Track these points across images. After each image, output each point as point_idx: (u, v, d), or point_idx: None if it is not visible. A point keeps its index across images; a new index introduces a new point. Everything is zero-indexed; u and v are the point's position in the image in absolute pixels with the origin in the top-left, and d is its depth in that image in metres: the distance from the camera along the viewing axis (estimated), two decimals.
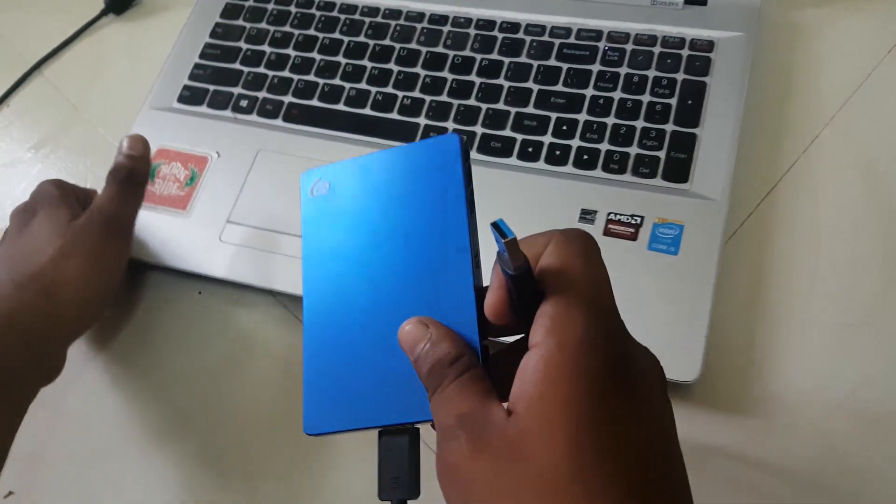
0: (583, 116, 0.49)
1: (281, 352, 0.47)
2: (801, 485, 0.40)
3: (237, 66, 0.56)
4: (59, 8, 0.66)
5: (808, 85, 0.51)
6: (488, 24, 0.54)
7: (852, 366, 0.42)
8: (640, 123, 0.48)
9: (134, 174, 0.46)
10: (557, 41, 0.52)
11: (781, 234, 0.46)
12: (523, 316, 0.25)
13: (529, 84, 0.51)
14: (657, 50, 0.50)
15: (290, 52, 0.56)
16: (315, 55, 0.56)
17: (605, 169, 0.47)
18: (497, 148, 0.49)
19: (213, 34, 0.58)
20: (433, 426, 0.27)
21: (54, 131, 0.61)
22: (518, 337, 0.29)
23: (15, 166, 0.60)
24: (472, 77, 0.52)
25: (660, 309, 0.42)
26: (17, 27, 0.67)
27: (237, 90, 0.55)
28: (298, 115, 0.53)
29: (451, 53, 0.54)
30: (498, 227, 0.24)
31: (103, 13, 0.66)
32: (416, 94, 0.53)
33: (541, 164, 0.48)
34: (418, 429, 0.28)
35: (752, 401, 0.42)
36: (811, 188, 0.47)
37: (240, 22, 0.59)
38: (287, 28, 0.57)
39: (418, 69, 0.54)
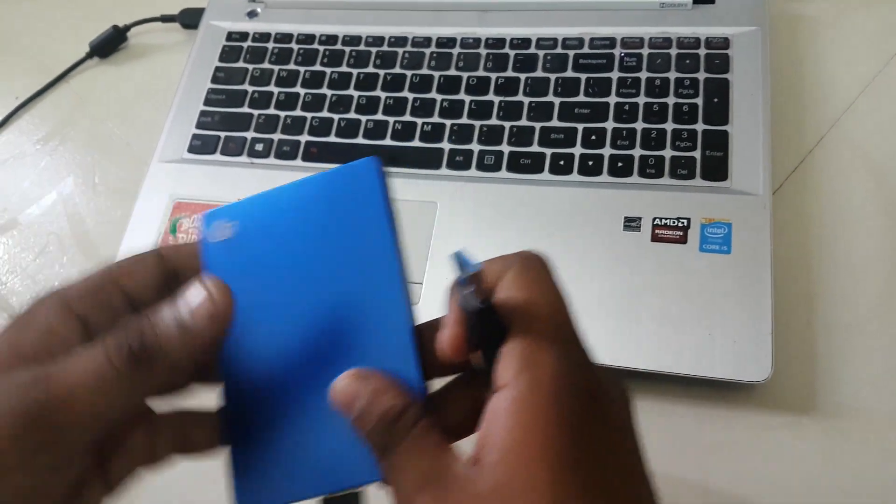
0: (610, 124, 0.49)
1: None
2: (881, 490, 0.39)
3: (246, 109, 0.55)
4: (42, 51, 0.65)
5: (819, 77, 0.51)
6: (498, 42, 0.54)
7: None
8: (669, 126, 0.48)
9: (156, 356, 0.24)
10: (572, 52, 0.52)
11: (812, 223, 0.46)
12: (482, 351, 0.24)
13: (550, 98, 0.51)
14: (674, 52, 0.50)
15: (299, 90, 0.55)
16: (325, 91, 0.55)
17: (642, 174, 0.47)
18: (527, 164, 0.49)
19: (214, 79, 0.57)
20: (383, 483, 0.24)
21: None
22: (455, 376, 0.26)
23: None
24: (491, 97, 0.52)
25: (722, 309, 0.41)
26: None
27: (250, 134, 0.54)
28: (318, 154, 0.52)
29: (465, 75, 0.53)
30: (460, 260, 0.22)
31: (87, 57, 0.64)
32: (436, 119, 0.52)
33: (575, 177, 0.48)
34: (362, 491, 0.26)
35: (820, 400, 0.41)
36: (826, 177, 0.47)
37: (241, 64, 0.57)
38: (291, 66, 0.56)
39: (434, 94, 0.53)
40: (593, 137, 0.49)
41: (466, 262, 0.22)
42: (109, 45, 0.64)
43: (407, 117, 0.52)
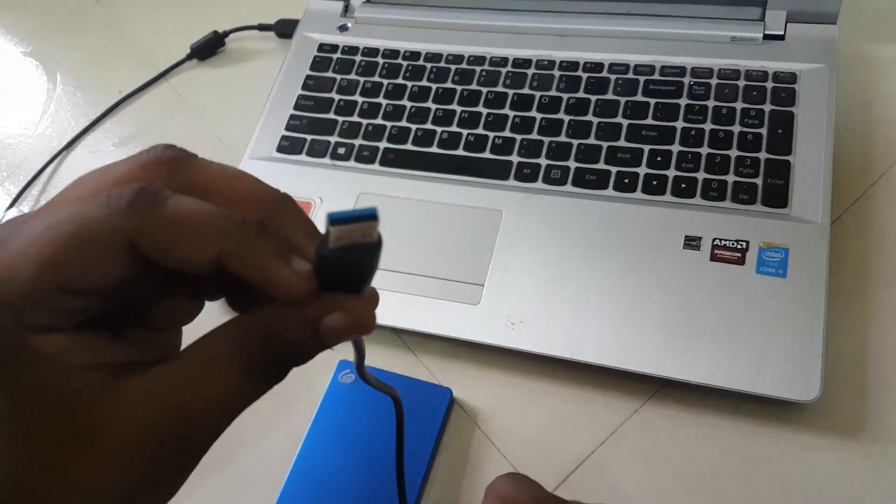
0: (676, 147, 0.51)
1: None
2: None
3: (332, 115, 0.59)
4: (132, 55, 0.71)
5: (885, 115, 0.53)
6: (571, 65, 0.57)
7: None
8: (733, 152, 0.50)
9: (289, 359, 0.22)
10: (642, 78, 0.55)
11: (874, 255, 0.47)
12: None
13: (619, 119, 0.53)
14: (742, 83, 0.53)
15: (381, 100, 0.59)
16: (405, 102, 0.58)
17: (705, 196, 0.49)
18: (592, 180, 0.51)
19: (304, 86, 0.61)
20: None
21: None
22: None
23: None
24: (561, 115, 0.55)
25: (775, 330, 0.43)
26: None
27: (334, 139, 0.58)
28: (395, 160, 0.56)
29: (538, 94, 0.56)
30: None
31: (188, 58, 0.70)
32: (507, 133, 0.55)
33: (638, 195, 0.50)
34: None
35: (868, 425, 0.42)
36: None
37: (330, 74, 0.62)
38: (376, 78, 0.60)
39: (507, 110, 0.56)
40: (658, 159, 0.51)
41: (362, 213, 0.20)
42: (209, 48, 0.70)
43: (480, 130, 0.56)
